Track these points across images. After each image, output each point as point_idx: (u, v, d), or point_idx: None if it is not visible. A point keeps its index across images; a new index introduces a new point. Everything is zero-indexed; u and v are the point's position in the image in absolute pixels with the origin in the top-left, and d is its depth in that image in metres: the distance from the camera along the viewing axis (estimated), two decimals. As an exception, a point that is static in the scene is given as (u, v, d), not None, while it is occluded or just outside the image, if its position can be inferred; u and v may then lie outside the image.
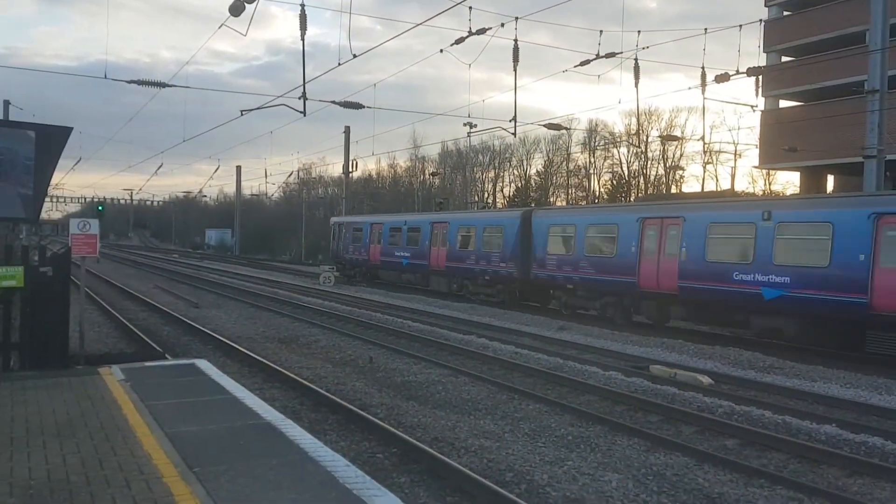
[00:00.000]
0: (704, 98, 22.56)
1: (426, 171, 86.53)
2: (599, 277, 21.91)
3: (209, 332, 17.84)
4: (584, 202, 68.70)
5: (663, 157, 69.96)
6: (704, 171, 67.01)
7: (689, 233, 19.00)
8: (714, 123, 63.72)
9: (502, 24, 18.75)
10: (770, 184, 61.54)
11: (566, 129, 32.94)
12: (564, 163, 77.37)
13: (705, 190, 56.51)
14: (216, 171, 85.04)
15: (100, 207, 53.81)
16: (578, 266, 22.78)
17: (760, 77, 21.92)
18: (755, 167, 54.12)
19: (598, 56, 19.68)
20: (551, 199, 74.82)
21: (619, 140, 70.80)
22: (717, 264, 18.07)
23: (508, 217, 27.58)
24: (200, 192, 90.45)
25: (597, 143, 73.71)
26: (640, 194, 64.02)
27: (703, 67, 20.88)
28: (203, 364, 10.82)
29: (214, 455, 6.33)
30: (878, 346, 15.43)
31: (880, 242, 14.96)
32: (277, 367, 13.28)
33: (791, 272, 16.50)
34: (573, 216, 24.79)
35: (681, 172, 69.18)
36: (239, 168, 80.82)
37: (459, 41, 18.89)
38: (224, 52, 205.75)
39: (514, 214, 27.21)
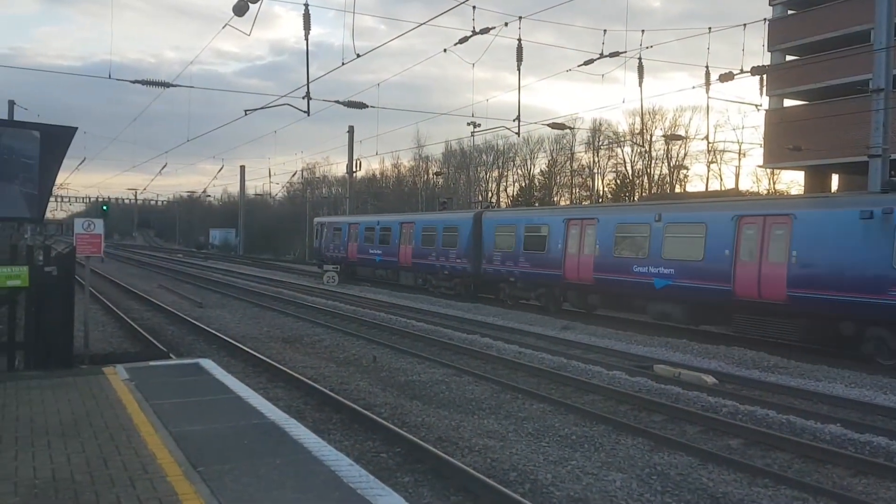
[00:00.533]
0: (708, 97, 22.59)
1: (430, 171, 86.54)
2: (534, 271, 25.28)
3: (213, 331, 17.86)
4: (587, 202, 68.66)
5: (667, 156, 69.85)
6: (708, 171, 66.90)
7: (601, 232, 22.34)
8: (718, 123, 63.61)
9: (506, 24, 18.77)
10: (774, 183, 61.44)
11: (570, 128, 32.94)
12: (568, 162, 77.30)
13: (709, 189, 56.44)
14: (220, 170, 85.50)
15: (104, 207, 53.92)
16: (518, 261, 25.95)
17: (765, 76, 21.90)
18: (759, 166, 54.10)
19: (601, 55, 19.66)
20: (555, 199, 74.78)
21: (622, 139, 70.74)
22: (622, 259, 21.38)
23: (463, 218, 30.08)
24: (204, 191, 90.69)
25: (601, 143, 73.63)
26: (643, 194, 63.99)
27: (707, 66, 20.88)
28: (207, 363, 10.83)
29: (218, 454, 6.33)
30: (742, 326, 18.34)
31: (740, 240, 18.02)
32: (281, 367, 13.30)
33: (676, 265, 19.60)
34: (514, 217, 28.17)
35: (685, 172, 69.12)
36: (243, 168, 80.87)
37: (463, 41, 18.89)
38: (228, 51, 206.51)
39: (468, 215, 29.82)
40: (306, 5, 17.38)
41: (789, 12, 37.20)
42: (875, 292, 15.05)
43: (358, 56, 18.45)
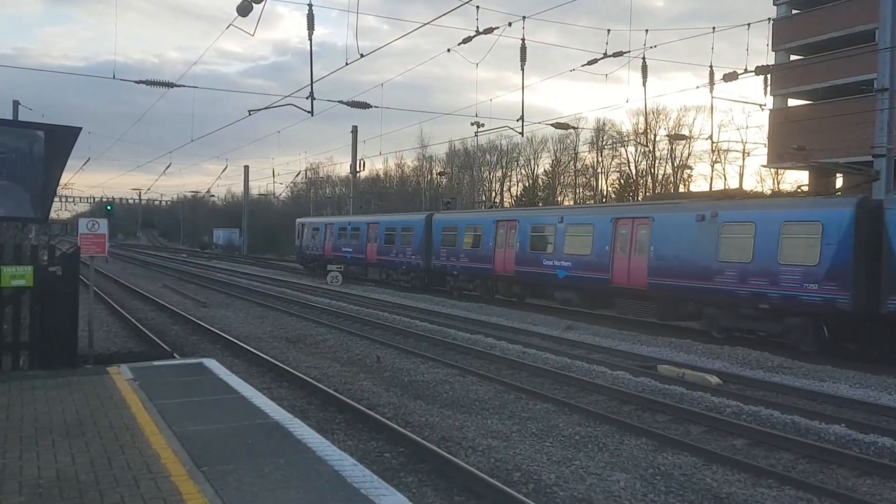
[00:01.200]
0: (712, 97, 22.56)
1: (433, 171, 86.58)
2: (472, 265, 29.02)
3: (217, 331, 17.89)
4: (591, 201, 68.64)
5: (671, 156, 69.81)
6: (713, 171, 66.82)
7: (521, 232, 25.92)
8: (722, 122, 63.56)
9: (510, 24, 18.76)
10: (779, 183, 61.33)
11: (574, 128, 32.91)
12: (572, 162, 77.28)
13: (713, 189, 56.33)
14: (224, 170, 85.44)
15: (108, 207, 54.14)
16: (459, 257, 29.91)
17: (769, 76, 21.86)
18: (764, 166, 54.00)
19: (605, 55, 19.65)
20: (559, 199, 74.75)
21: (626, 139, 70.67)
22: (535, 253, 25.01)
23: (417, 219, 33.90)
24: (208, 191, 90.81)
25: (604, 143, 73.61)
26: (647, 193, 63.94)
27: (711, 66, 20.83)
28: (211, 363, 10.84)
29: (222, 454, 6.34)
30: (621, 308, 21.89)
31: (616, 238, 21.64)
32: (285, 367, 13.31)
33: (573, 259, 23.15)
34: (456, 219, 32.01)
35: (689, 172, 69.06)
36: (247, 168, 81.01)
37: (467, 40, 18.89)
38: (231, 51, 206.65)
39: (421, 217, 33.75)
40: (310, 5, 17.38)
41: (793, 12, 37.15)
42: (706, 279, 18.56)
43: (361, 56, 18.44)
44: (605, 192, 73.62)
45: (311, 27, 17.60)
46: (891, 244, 15.33)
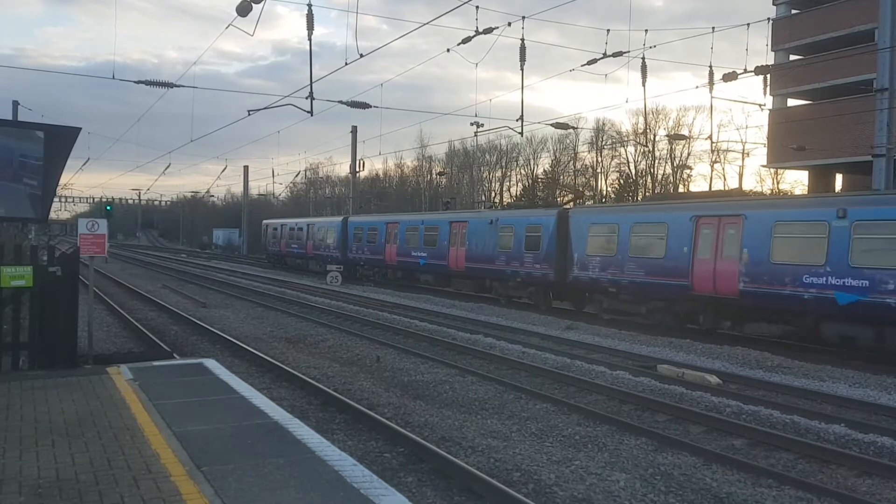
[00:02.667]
0: (712, 97, 22.68)
1: (433, 171, 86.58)
2: (372, 257, 36.26)
3: (217, 331, 17.89)
4: (591, 202, 68.63)
5: (671, 156, 69.85)
6: (712, 171, 66.89)
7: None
8: (722, 122, 63.71)
9: (509, 24, 18.78)
10: (778, 183, 61.37)
11: (573, 128, 32.92)
12: (572, 162, 77.30)
13: (713, 189, 56.35)
14: (224, 170, 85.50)
15: (108, 207, 54.11)
16: (364, 251, 38.22)
17: (768, 75, 21.87)
18: (763, 166, 54.01)
19: (605, 55, 19.67)
20: (558, 199, 74.70)
21: (626, 139, 70.70)
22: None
23: (336, 221, 42.93)
24: (208, 191, 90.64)
25: (604, 143, 73.63)
26: (647, 193, 63.93)
27: (710, 66, 20.87)
28: (211, 363, 10.85)
29: (222, 454, 6.34)
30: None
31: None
32: (285, 367, 13.31)
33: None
34: (361, 221, 40.31)
35: (688, 172, 69.08)
36: (246, 168, 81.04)
37: (466, 41, 18.90)
38: (230, 52, 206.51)
39: (338, 219, 43.03)
40: (309, 5, 17.39)
41: (793, 12, 37.11)
42: (492, 263, 27.50)
43: (361, 56, 18.47)
44: (604, 193, 73.64)
45: (310, 27, 17.62)
46: (570, 238, 23.50)
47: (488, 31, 18.34)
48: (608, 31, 20.14)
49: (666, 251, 19.88)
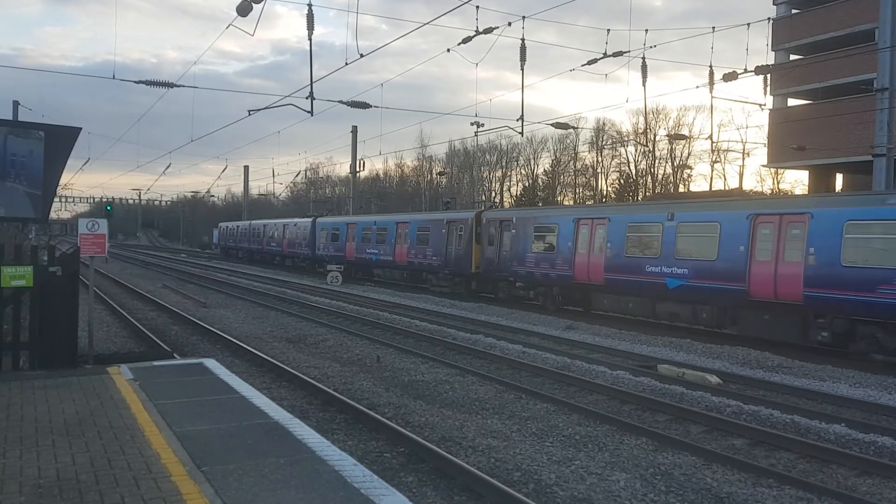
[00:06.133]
0: (712, 97, 22.60)
1: (433, 171, 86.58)
2: (336, 254, 41.26)
3: (217, 331, 17.88)
4: (590, 202, 68.63)
5: (671, 155, 69.86)
6: (712, 170, 66.92)
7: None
8: (722, 122, 63.69)
9: (509, 24, 18.78)
10: (778, 182, 61.37)
11: (574, 128, 32.92)
12: (572, 162, 77.31)
13: (713, 189, 56.35)
14: (224, 170, 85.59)
15: (108, 207, 54.20)
16: (329, 249, 42.74)
17: (769, 75, 21.86)
18: (763, 166, 54.03)
19: (605, 55, 19.66)
20: (559, 199, 74.75)
21: (626, 139, 70.70)
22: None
23: (304, 222, 48.09)
24: (208, 191, 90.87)
25: (604, 143, 73.64)
26: (647, 193, 63.93)
27: (710, 66, 20.85)
28: (211, 363, 10.85)
29: (223, 454, 6.34)
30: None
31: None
32: (285, 367, 13.31)
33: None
34: (331, 222, 44.56)
35: (689, 171, 69.09)
36: (246, 168, 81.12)
37: (466, 40, 18.90)
38: (230, 51, 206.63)
39: (308, 220, 47.43)
40: (309, 5, 17.38)
41: (793, 11, 37.12)
42: (435, 258, 31.38)
43: (361, 56, 18.47)
44: (605, 192, 73.63)
45: (310, 27, 17.61)
46: (480, 237, 28.30)
47: (488, 30, 18.34)
48: (608, 30, 20.15)
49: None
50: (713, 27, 20.95)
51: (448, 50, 20.62)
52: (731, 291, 17.89)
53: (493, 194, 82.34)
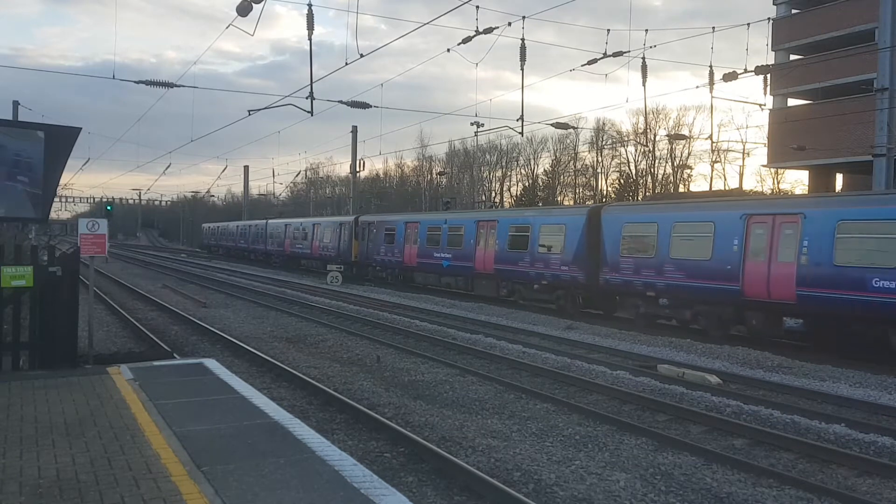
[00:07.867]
0: (712, 97, 22.58)
1: (433, 171, 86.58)
2: (300, 250, 47.92)
3: (217, 331, 17.88)
4: (591, 201, 68.64)
5: (671, 155, 69.87)
6: (712, 170, 66.91)
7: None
8: (722, 122, 63.71)
9: (509, 24, 18.77)
10: (778, 182, 61.38)
11: (573, 128, 32.94)
12: (572, 162, 77.30)
13: (713, 189, 56.36)
14: (224, 170, 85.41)
15: (108, 207, 54.12)
16: (276, 244, 51.29)
17: (769, 75, 21.86)
18: (764, 166, 54.01)
19: (605, 55, 19.66)
20: (559, 199, 74.74)
21: (626, 139, 70.70)
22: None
23: (260, 223, 55.04)
24: (208, 191, 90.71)
25: (604, 142, 73.64)
26: (647, 193, 63.94)
27: (710, 66, 20.85)
28: (211, 363, 10.85)
29: (223, 454, 6.35)
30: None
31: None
32: (285, 367, 13.31)
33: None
34: (303, 222, 49.71)
35: (689, 171, 69.08)
36: (246, 168, 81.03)
37: (466, 40, 18.90)
38: (229, 51, 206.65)
39: (281, 222, 52.67)
40: (309, 5, 17.38)
41: (793, 11, 37.13)
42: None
43: (361, 56, 18.48)
44: (605, 192, 73.62)
45: (310, 27, 17.60)
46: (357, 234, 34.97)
47: (488, 30, 18.34)
48: (608, 30, 20.15)
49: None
50: (713, 27, 20.97)
51: (448, 50, 20.64)
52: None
53: (494, 194, 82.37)
